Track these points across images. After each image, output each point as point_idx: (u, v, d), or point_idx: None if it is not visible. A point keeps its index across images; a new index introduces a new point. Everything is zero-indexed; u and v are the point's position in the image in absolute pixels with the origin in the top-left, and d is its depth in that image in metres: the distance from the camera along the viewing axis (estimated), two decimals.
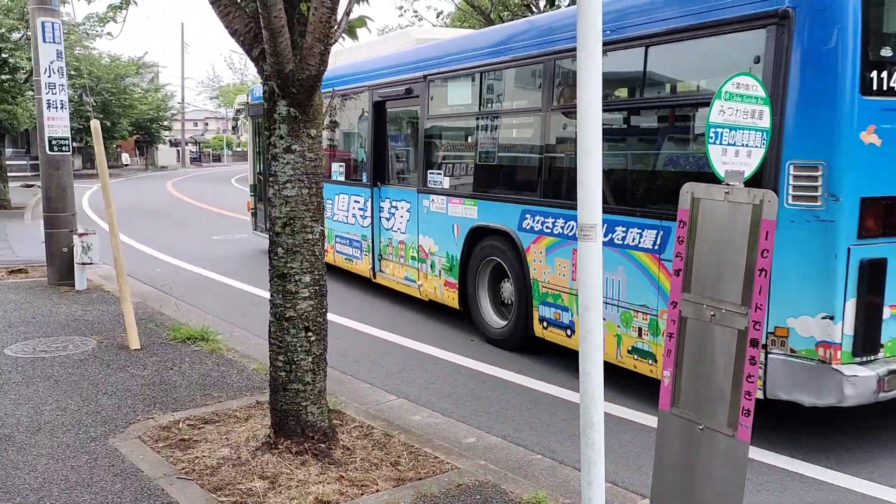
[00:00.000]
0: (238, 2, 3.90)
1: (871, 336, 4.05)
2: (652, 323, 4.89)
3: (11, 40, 19.36)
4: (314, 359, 3.96)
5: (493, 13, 15.37)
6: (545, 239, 5.82)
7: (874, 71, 3.94)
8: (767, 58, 4.15)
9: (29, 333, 6.49)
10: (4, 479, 3.62)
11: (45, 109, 8.77)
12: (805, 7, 3.98)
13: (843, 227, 3.94)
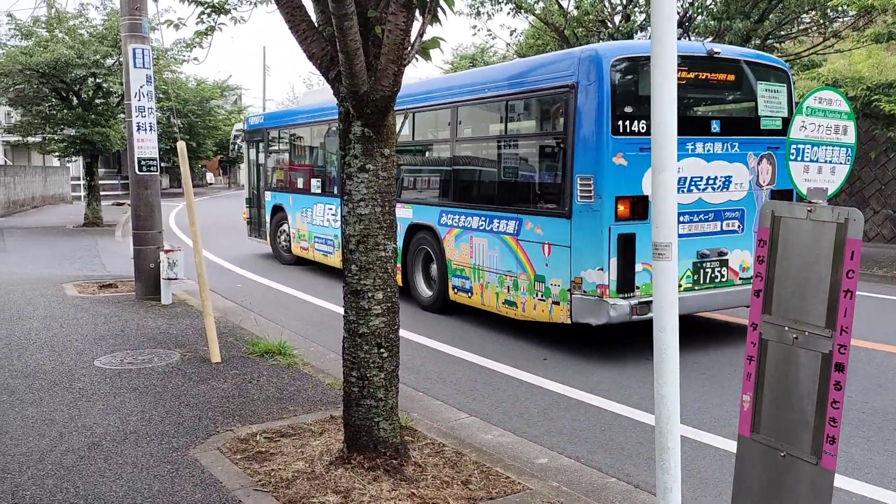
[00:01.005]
0: (316, 26, 4.02)
1: (628, 281, 6.34)
2: (514, 283, 7.26)
3: (105, 66, 20.44)
4: (386, 375, 4.00)
5: (567, 30, 15.32)
6: (454, 230, 8.16)
7: (619, 120, 6.30)
8: (566, 110, 6.60)
9: (117, 346, 6.79)
10: (93, 486, 3.79)
11: (136, 131, 9.21)
12: (582, 83, 6.42)
13: (605, 214, 6.25)
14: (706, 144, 6.78)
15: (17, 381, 5.63)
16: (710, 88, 7.14)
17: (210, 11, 6.90)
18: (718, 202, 6.89)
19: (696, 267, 6.80)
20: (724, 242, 6.95)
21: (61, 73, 19.86)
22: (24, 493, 3.69)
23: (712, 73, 6.95)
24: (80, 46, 19.70)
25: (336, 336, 7.40)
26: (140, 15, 9.15)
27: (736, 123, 7.15)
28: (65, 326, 7.56)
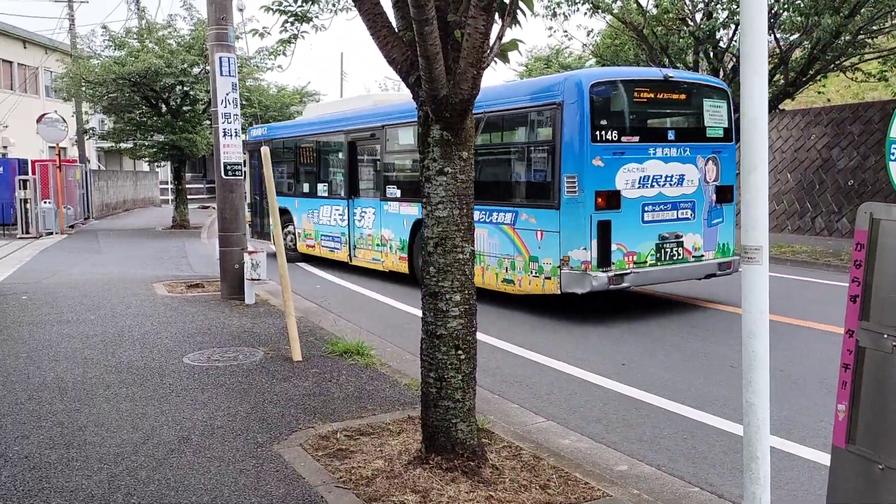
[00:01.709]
0: (396, 32, 4.07)
1: (605, 257, 7.90)
2: (511, 264, 8.72)
3: (192, 74, 21.25)
4: (464, 377, 4.01)
5: (646, 29, 15.03)
6: None
7: (596, 130, 7.82)
8: (555, 123, 8.08)
9: (204, 343, 7.05)
10: (182, 478, 3.94)
11: (221, 137, 9.55)
12: (566, 100, 7.89)
13: (587, 205, 7.79)
14: (665, 149, 8.38)
15: (111, 376, 5.91)
16: (667, 105, 8.81)
17: (293, 20, 7.12)
18: (675, 195, 8.49)
19: (658, 247, 8.40)
20: (679, 227, 8.56)
21: (151, 81, 20.75)
22: (120, 483, 3.87)
23: (668, 94, 8.64)
24: (169, 56, 20.54)
25: (412, 337, 7.51)
26: (226, 25, 9.48)
27: (687, 133, 8.84)
28: (155, 324, 7.90)
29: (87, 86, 22.15)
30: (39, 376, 5.88)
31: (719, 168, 8.80)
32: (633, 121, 8.47)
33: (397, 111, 11.00)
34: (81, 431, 4.64)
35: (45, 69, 33.40)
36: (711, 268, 8.86)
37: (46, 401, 5.26)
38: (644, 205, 8.18)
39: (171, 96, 22.40)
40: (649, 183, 8.18)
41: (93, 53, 23.26)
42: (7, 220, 20.51)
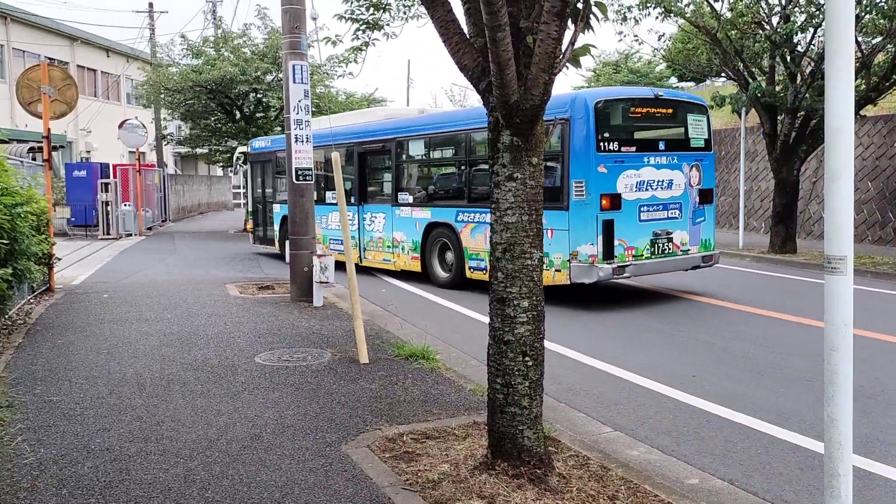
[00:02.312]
0: (468, 38, 4.10)
1: (609, 251, 9.01)
2: None
3: (265, 82, 21.83)
4: (531, 384, 4.00)
5: (719, 33, 14.67)
6: (470, 225, 10.77)
7: (600, 142, 8.96)
8: (564, 135, 9.13)
9: (275, 344, 7.21)
10: (254, 474, 4.05)
11: (293, 143, 9.77)
12: (575, 115, 8.99)
13: (594, 206, 8.88)
14: (656, 157, 9.62)
15: (188, 373, 6.11)
16: (657, 120, 10.09)
17: (364, 28, 7.21)
18: (665, 198, 9.71)
19: (652, 242, 9.61)
20: (669, 225, 9.80)
21: (226, 89, 21.42)
22: (195, 477, 4.00)
23: (658, 109, 9.94)
24: (244, 64, 21.16)
25: (477, 343, 7.52)
26: (299, 33, 9.71)
27: (674, 143, 10.00)
28: (228, 324, 8.13)
29: (166, 93, 23.01)
30: (120, 372, 6.12)
31: (701, 174, 10.18)
32: (631, 133, 9.78)
33: (408, 125, 12.38)
34: (159, 426, 4.82)
35: (127, 77, 34.84)
36: (696, 260, 10.20)
37: (126, 396, 5.48)
38: (640, 206, 9.44)
39: (244, 103, 23.05)
40: (644, 187, 9.46)
41: (171, 62, 24.16)
42: (89, 222, 21.45)
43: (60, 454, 4.31)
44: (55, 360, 6.51)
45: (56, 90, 10.48)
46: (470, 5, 4.08)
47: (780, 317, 8.86)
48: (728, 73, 15.99)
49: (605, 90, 10.92)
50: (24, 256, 7.61)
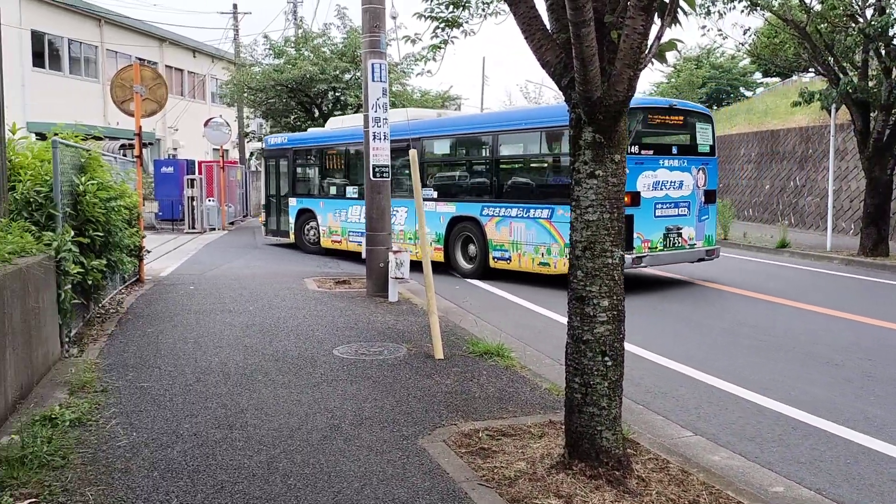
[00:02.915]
0: (550, 34, 4.07)
1: (630, 244, 9.86)
2: (547, 250, 10.73)
3: (343, 81, 22.20)
4: (610, 384, 3.94)
5: (808, 26, 14.09)
6: (495, 219, 11.63)
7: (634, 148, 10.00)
8: None
9: (352, 337, 7.35)
10: (334, 464, 4.14)
11: (371, 140, 9.92)
12: None
13: None
14: (670, 160, 10.70)
15: (269, 363, 6.29)
16: (671, 127, 11.04)
17: (444, 26, 7.25)
18: (676, 197, 10.77)
19: (664, 237, 10.65)
20: (679, 221, 10.87)
21: (306, 87, 21.90)
22: (278, 465, 4.12)
23: (671, 118, 10.94)
24: (323, 63, 21.58)
25: (551, 341, 7.48)
26: (379, 32, 9.84)
27: (684, 148, 11.06)
28: (307, 317, 8.32)
29: (249, 92, 23.70)
30: (205, 361, 6.35)
31: (707, 176, 11.26)
32: (649, 138, 10.76)
33: (432, 126, 13.42)
34: (243, 414, 4.98)
35: (212, 76, 36.05)
36: (701, 254, 11.27)
37: (212, 384, 5.68)
38: (656, 203, 10.47)
39: (323, 101, 23.51)
40: (659, 186, 10.47)
41: (254, 62, 24.85)
42: (176, 216, 22.32)
43: (151, 438, 4.51)
44: (145, 347, 6.80)
45: (147, 89, 10.94)
46: (553, 1, 4.05)
47: (872, 322, 8.47)
48: (817, 68, 15.35)
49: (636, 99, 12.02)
50: (117, 248, 7.99)
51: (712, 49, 33.22)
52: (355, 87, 22.40)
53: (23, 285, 5.13)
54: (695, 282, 11.71)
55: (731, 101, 36.81)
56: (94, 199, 7.15)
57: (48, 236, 6.14)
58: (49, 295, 5.92)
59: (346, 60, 22.18)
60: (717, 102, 37.43)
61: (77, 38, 27.72)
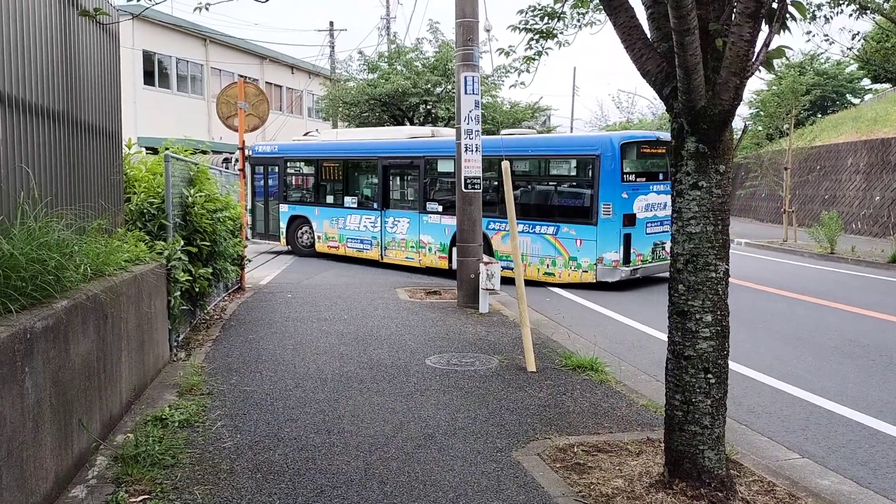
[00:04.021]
0: (651, 44, 4.01)
1: (628, 257, 11.65)
2: (552, 261, 12.12)
3: (434, 94, 22.47)
4: (713, 402, 3.82)
5: None
6: (500, 233, 12.73)
7: (623, 173, 11.53)
8: (595, 167, 11.65)
9: (443, 348, 7.40)
10: (429, 473, 4.17)
11: (463, 152, 9.98)
12: (604, 152, 11.54)
13: (618, 223, 11.52)
14: (657, 186, 12.21)
15: (364, 371, 6.42)
16: (657, 156, 12.53)
17: (538, 38, 7.24)
18: (662, 216, 12.19)
19: (653, 250, 12.20)
20: (664, 237, 12.25)
21: (399, 101, 22.30)
22: (374, 471, 4.19)
23: (658, 149, 12.48)
24: (415, 77, 21.93)
25: (645, 356, 7.32)
26: (472, 46, 9.92)
27: (666, 174, 12.23)
28: (399, 326, 8.44)
29: (344, 106, 24.33)
30: (304, 367, 6.54)
31: None
32: (641, 167, 12.22)
33: (438, 146, 14.26)
34: (340, 420, 5.09)
35: (308, 92, 37.22)
36: None
37: (310, 389, 5.84)
38: (647, 223, 12.03)
39: (414, 115, 23.87)
40: (649, 208, 12.04)
41: (349, 77, 25.51)
42: None
43: (254, 440, 4.67)
44: (247, 353, 7.07)
45: (250, 105, 11.40)
46: (654, 10, 3.99)
47: None
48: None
49: (625, 133, 13.58)
50: (221, 257, 8.35)
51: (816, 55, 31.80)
52: (446, 99, 22.64)
53: (137, 291, 5.43)
54: (797, 296, 11.19)
55: (836, 108, 35.10)
56: (202, 210, 7.50)
57: (160, 245, 6.48)
58: (160, 301, 6.24)
59: (437, 74, 22.46)
60: (821, 110, 35.74)
61: (184, 56, 29.21)
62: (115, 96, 6.46)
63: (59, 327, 3.78)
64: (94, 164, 5.70)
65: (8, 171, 4.05)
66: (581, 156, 12.14)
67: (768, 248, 19.55)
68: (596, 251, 11.59)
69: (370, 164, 15.41)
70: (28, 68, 4.38)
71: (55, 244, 3.99)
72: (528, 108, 37.06)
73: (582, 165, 12.17)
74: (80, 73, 5.42)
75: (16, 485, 3.25)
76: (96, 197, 5.66)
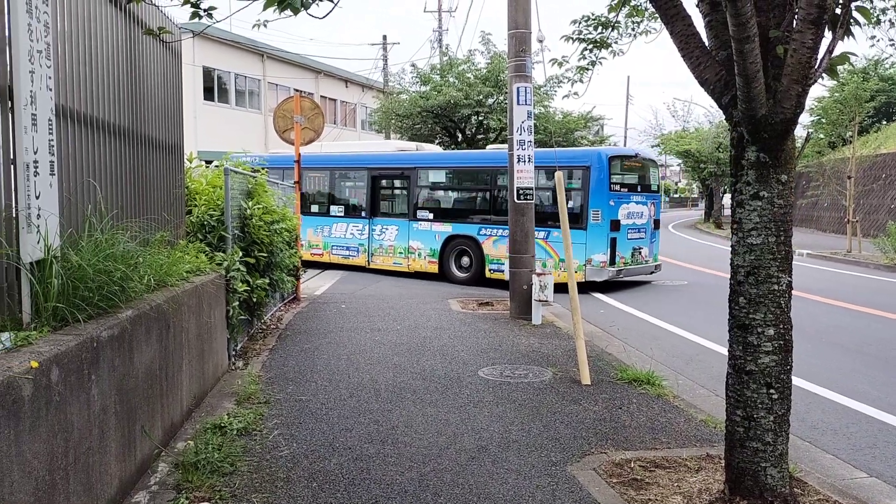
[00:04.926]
0: (709, 51, 3.94)
1: (613, 260, 12.96)
2: (542, 264, 12.27)
3: (486, 105, 22.52)
4: (776, 418, 3.71)
5: None
6: (492, 238, 13.89)
7: (610, 184, 12.89)
8: (584, 178, 13.01)
9: (496, 359, 7.37)
10: (483, 486, 4.15)
11: (516, 163, 9.97)
12: (594, 165, 12.87)
13: (605, 228, 12.81)
14: (636, 196, 13.54)
15: (417, 382, 6.44)
16: (635, 170, 13.90)
17: (592, 47, 7.19)
18: (640, 224, 13.51)
19: (632, 254, 13.33)
20: (641, 243, 13.60)
21: (451, 113, 22.40)
22: (428, 482, 4.19)
23: (636, 163, 13.93)
24: (467, 88, 22.01)
25: (703, 369, 7.17)
26: (524, 56, 9.92)
27: (643, 187, 13.92)
28: (452, 337, 8.45)
29: (396, 119, 24.57)
30: (357, 377, 6.59)
31: (654, 209, 14.10)
32: (624, 179, 13.45)
33: (427, 158, 15.98)
34: (393, 430, 5.11)
35: (362, 105, 37.70)
36: (651, 268, 14.18)
37: (364, 399, 5.88)
38: (628, 229, 13.22)
39: (466, 126, 23.95)
40: (630, 216, 13.22)
41: (402, 89, 25.76)
42: None
43: (310, 449, 4.73)
44: (303, 362, 7.16)
45: (306, 119, 11.61)
46: (712, 17, 3.93)
47: None
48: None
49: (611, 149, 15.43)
50: (278, 268, 8.50)
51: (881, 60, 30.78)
52: (498, 110, 22.65)
53: (198, 302, 5.57)
54: (862, 309, 10.81)
55: None
56: (260, 222, 7.66)
57: (220, 256, 6.63)
58: (219, 311, 6.38)
59: (489, 85, 22.50)
60: (886, 117, 34.55)
61: (242, 72, 29.94)
62: (178, 112, 6.66)
63: (124, 336, 3.89)
64: (157, 178, 5.88)
65: (77, 186, 4.21)
66: (573, 167, 13.15)
67: (831, 259, 18.95)
68: (585, 253, 12.64)
69: (358, 173, 16.27)
70: (96, 86, 4.56)
71: (120, 256, 4.11)
72: (581, 118, 36.80)
73: (574, 176, 13.20)
74: (145, 89, 5.60)
75: (83, 489, 3.35)
76: (159, 209, 5.83)
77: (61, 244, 3.72)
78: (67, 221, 3.96)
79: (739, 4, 3.29)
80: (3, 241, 3.30)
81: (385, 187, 16.11)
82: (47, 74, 3.63)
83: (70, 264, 3.67)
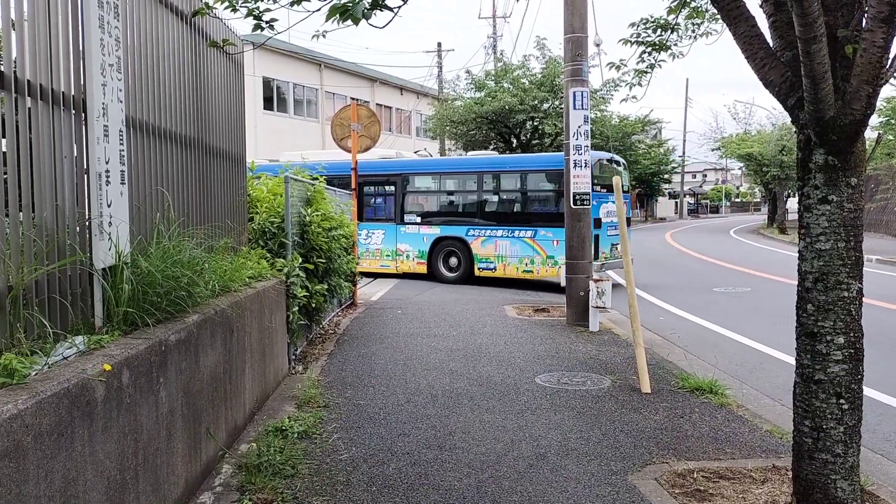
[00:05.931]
0: (773, 52, 3.85)
1: (596, 255, 13.15)
2: (531, 261, 14.36)
3: (541, 110, 22.41)
4: (846, 429, 3.59)
5: None
6: (480, 238, 14.94)
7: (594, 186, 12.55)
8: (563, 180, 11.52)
9: (553, 366, 7.31)
10: (542, 494, 4.12)
11: (572, 168, 9.89)
12: None
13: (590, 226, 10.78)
14: (612, 196, 13.42)
15: (473, 388, 6.43)
16: (612, 172, 14.12)
17: (650, 50, 7.09)
18: (616, 221, 12.96)
19: (611, 249, 14.05)
20: (617, 239, 13.81)
21: (505, 118, 22.38)
22: (486, 490, 4.18)
23: (613, 166, 14.73)
24: (522, 94, 21.95)
25: (770, 379, 6.97)
26: (581, 61, 9.84)
27: None
28: (508, 344, 8.42)
29: (451, 125, 24.66)
30: (414, 382, 6.63)
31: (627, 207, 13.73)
32: (604, 180, 13.97)
33: (413, 164, 16.68)
34: (451, 436, 5.12)
35: (416, 112, 37.99)
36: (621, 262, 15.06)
37: (421, 405, 5.91)
38: (608, 226, 13.90)
39: (521, 131, 23.89)
40: (609, 215, 13.91)
41: (456, 96, 25.85)
42: None
43: (369, 454, 4.77)
44: (361, 367, 7.24)
45: (363, 127, 11.76)
46: (777, 18, 3.84)
47: None
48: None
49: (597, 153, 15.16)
50: (336, 274, 8.61)
51: None
52: (553, 116, 22.52)
53: (260, 306, 5.69)
54: None
55: None
56: (319, 228, 7.78)
57: (280, 262, 6.76)
58: (280, 316, 6.51)
59: (544, 90, 22.40)
60: None
61: (301, 82, 30.52)
62: (240, 122, 6.83)
63: (191, 340, 4.01)
64: (221, 186, 6.04)
65: (146, 194, 4.35)
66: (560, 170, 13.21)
67: None
68: None
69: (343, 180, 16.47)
70: (164, 97, 4.71)
71: (187, 262, 4.24)
72: (638, 122, 36.29)
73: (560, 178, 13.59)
74: (209, 100, 5.77)
75: (151, 489, 3.46)
76: (223, 217, 5.99)
77: (131, 251, 3.86)
78: (137, 229, 4.10)
79: (806, 4, 3.20)
80: (77, 247, 3.44)
81: (368, 192, 16.63)
82: (118, 87, 3.78)
83: (140, 270, 3.80)
